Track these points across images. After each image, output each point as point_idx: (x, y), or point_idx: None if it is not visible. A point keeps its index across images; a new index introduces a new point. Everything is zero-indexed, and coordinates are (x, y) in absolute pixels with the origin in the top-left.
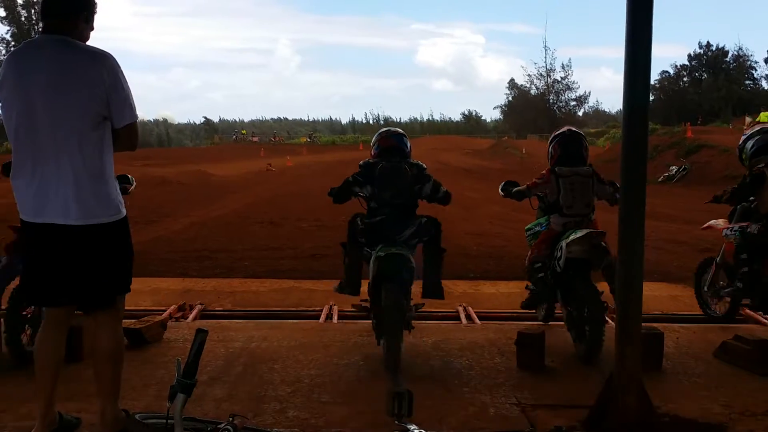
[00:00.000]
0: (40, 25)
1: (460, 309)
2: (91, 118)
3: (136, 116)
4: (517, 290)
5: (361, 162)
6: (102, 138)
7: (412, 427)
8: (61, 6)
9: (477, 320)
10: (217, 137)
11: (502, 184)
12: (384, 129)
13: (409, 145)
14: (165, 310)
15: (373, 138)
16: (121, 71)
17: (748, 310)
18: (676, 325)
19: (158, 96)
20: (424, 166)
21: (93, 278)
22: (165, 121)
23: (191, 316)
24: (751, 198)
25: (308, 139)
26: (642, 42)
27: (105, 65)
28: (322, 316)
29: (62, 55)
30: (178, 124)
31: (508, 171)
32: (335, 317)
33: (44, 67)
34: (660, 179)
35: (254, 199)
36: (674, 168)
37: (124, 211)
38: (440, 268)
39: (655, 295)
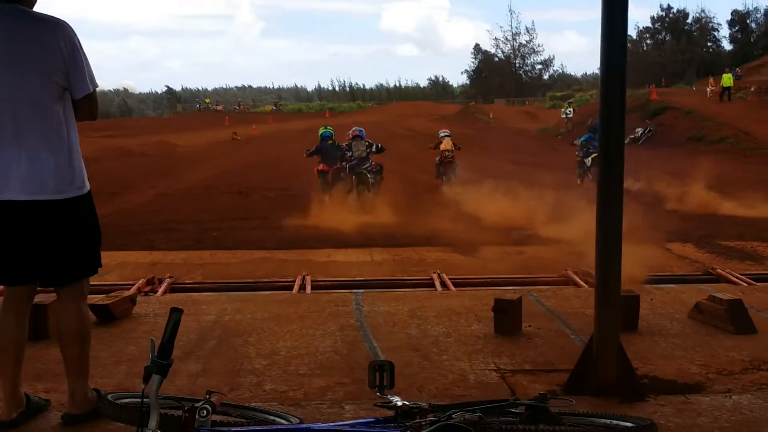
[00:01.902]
0: None
1: (435, 276)
2: (51, 89)
3: (95, 85)
4: (491, 256)
5: (346, 142)
6: (63, 109)
7: (395, 398)
8: None
9: (452, 287)
10: (180, 107)
11: None
12: (355, 127)
13: (364, 132)
14: (133, 285)
15: (350, 132)
16: (78, 39)
17: (720, 270)
18: (649, 287)
19: (117, 65)
20: (371, 141)
21: (57, 257)
22: (125, 90)
23: (161, 290)
24: None
25: (274, 107)
26: (618, 5)
27: (62, 34)
28: (295, 286)
29: (16, 24)
30: (140, 93)
31: (476, 136)
32: (308, 287)
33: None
34: (627, 141)
35: (221, 169)
36: (639, 130)
37: (88, 185)
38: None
39: (633, 257)
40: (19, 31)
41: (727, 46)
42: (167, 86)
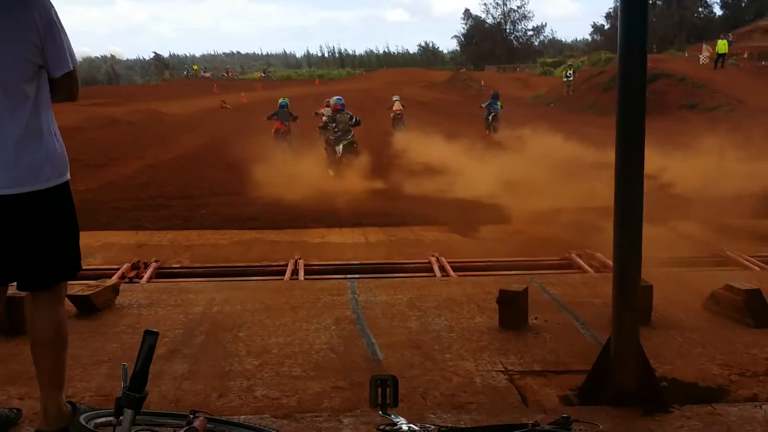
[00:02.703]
0: None
1: (433, 260)
2: (25, 68)
3: (75, 63)
4: (490, 236)
5: (329, 114)
6: (38, 90)
7: (400, 421)
8: None
9: (452, 272)
10: (167, 73)
11: None
12: (336, 98)
13: (344, 103)
14: (118, 269)
15: (331, 101)
16: (55, 12)
17: (729, 252)
18: (657, 271)
19: (104, 31)
20: (351, 114)
21: (32, 257)
22: (113, 57)
23: (146, 276)
24: None
25: (263, 75)
26: None
27: (38, 6)
28: (288, 272)
29: None
30: (127, 60)
31: (466, 104)
32: (301, 273)
33: None
34: None
35: (209, 138)
36: None
37: (67, 175)
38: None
39: None
40: None
41: (718, 11)
42: (155, 52)
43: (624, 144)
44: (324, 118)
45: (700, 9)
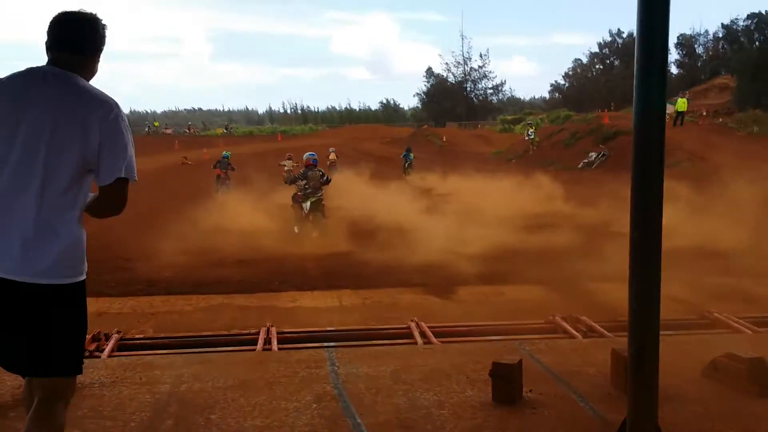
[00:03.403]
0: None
1: (413, 325)
2: (74, 167)
3: (133, 176)
4: (469, 298)
5: (302, 170)
6: (79, 191)
7: None
8: (80, 39)
9: (434, 339)
10: None
11: None
12: (309, 153)
13: (317, 159)
14: None
15: (304, 157)
16: (125, 123)
17: (717, 314)
18: None
19: None
20: (323, 171)
21: (34, 349)
22: None
23: (107, 349)
24: None
25: (225, 131)
26: (658, 32)
27: (106, 114)
28: (260, 341)
29: (65, 96)
30: None
31: (429, 160)
32: (274, 342)
33: (37, 102)
34: (580, 166)
35: (171, 195)
36: (593, 154)
37: (84, 275)
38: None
39: (615, 298)
40: (62, 101)
41: (674, 70)
42: None
43: (640, 216)
44: (285, 168)
45: None
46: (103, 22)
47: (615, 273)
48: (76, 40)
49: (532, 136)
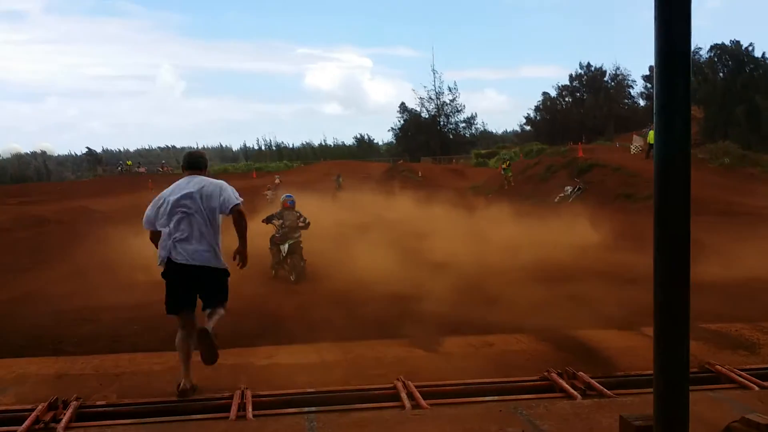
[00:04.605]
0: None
1: (399, 385)
2: (212, 211)
3: (240, 200)
4: (457, 351)
5: (277, 211)
6: (216, 222)
7: None
8: (199, 164)
9: (422, 401)
10: (100, 169)
11: None
12: (286, 195)
13: (294, 201)
14: (32, 411)
15: (281, 198)
16: (226, 185)
17: (718, 366)
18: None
19: (34, 127)
20: (300, 213)
21: (207, 291)
22: (44, 152)
23: (64, 420)
24: None
25: None
26: (679, 75)
27: (221, 187)
28: (233, 408)
29: (200, 182)
30: (59, 155)
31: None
32: (249, 408)
33: (192, 188)
34: (556, 200)
35: (141, 239)
36: (569, 188)
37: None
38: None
39: (611, 348)
40: (201, 185)
41: (642, 102)
42: (88, 147)
43: (666, 277)
44: (267, 198)
45: (625, 100)
46: (206, 156)
47: (605, 319)
48: (201, 164)
49: (506, 171)
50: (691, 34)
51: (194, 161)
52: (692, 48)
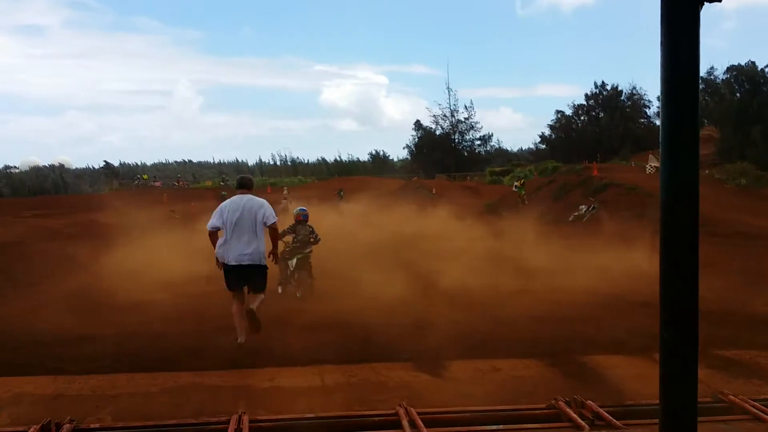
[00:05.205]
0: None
1: (401, 412)
2: (257, 223)
3: (275, 219)
4: (463, 376)
5: (290, 225)
6: (261, 231)
7: None
8: (248, 185)
9: (424, 430)
10: (116, 182)
11: None
12: (299, 209)
13: (308, 215)
14: None
15: (294, 212)
16: (267, 204)
17: (732, 396)
18: None
19: (53, 140)
20: (313, 228)
21: (253, 282)
22: (61, 165)
23: None
24: None
25: (222, 183)
26: (687, 103)
27: (263, 205)
28: None
29: (249, 200)
30: (76, 169)
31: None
32: None
33: (243, 204)
34: (570, 219)
35: (151, 253)
36: (583, 207)
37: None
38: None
39: (620, 374)
40: (249, 202)
41: (657, 121)
42: (105, 161)
43: (670, 315)
44: (282, 204)
45: (641, 120)
46: (253, 179)
47: (613, 344)
48: (249, 185)
49: (519, 189)
50: (699, 61)
51: (245, 183)
52: (708, 68)
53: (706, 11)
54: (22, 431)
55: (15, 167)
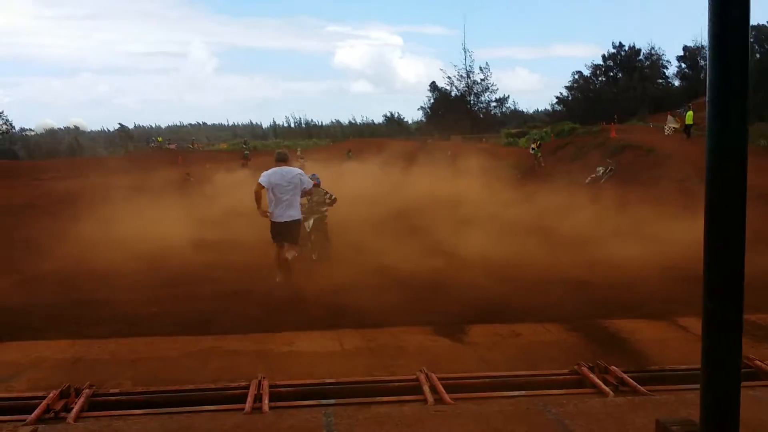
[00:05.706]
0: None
1: (422, 378)
2: (296, 188)
3: (311, 184)
4: (483, 340)
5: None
6: (298, 195)
7: None
8: (285, 159)
9: (445, 395)
10: (131, 145)
11: None
12: (312, 174)
13: (320, 180)
14: (43, 398)
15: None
16: (304, 174)
17: (758, 361)
18: (691, 393)
19: (66, 102)
20: (327, 191)
21: (289, 234)
22: (76, 128)
23: (75, 409)
24: None
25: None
26: (736, 61)
27: (300, 174)
28: (249, 398)
29: (288, 171)
30: (91, 131)
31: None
32: (266, 399)
33: (283, 174)
34: (588, 180)
35: (168, 215)
36: (600, 169)
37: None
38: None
39: (643, 339)
40: (291, 176)
41: (676, 82)
42: (120, 124)
43: (716, 284)
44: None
45: (659, 81)
46: (287, 153)
47: (639, 308)
48: (286, 159)
49: (536, 152)
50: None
51: (283, 157)
52: None
53: None
54: (42, 397)
55: (30, 129)
